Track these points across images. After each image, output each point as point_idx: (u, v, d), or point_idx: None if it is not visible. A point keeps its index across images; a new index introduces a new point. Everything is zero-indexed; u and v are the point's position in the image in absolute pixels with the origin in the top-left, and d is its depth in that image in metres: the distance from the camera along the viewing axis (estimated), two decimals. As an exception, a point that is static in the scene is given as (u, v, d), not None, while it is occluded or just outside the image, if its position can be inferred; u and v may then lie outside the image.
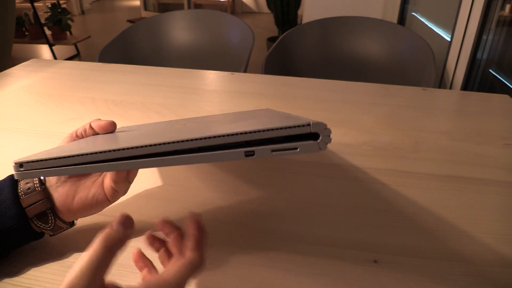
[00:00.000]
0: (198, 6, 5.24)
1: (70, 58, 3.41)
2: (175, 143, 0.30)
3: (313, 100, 0.79)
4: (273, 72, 1.13)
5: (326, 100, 0.79)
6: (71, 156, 0.32)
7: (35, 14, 3.19)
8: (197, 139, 0.29)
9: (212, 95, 0.81)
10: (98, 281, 0.25)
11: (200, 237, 0.32)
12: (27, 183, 0.37)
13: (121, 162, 0.31)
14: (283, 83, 0.89)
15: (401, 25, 1.30)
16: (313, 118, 0.30)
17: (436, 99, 0.82)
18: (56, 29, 3.32)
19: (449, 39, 1.66)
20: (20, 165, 0.33)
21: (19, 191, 0.37)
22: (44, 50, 3.60)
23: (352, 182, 0.52)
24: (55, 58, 3.27)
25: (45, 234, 0.39)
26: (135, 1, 5.80)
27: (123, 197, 0.42)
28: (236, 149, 0.29)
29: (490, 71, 1.49)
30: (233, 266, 0.39)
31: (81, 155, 0.31)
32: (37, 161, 0.32)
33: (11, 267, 0.38)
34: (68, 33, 3.44)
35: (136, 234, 0.41)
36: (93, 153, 0.31)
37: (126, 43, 1.32)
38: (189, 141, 0.29)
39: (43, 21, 3.27)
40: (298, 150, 0.29)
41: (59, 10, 3.30)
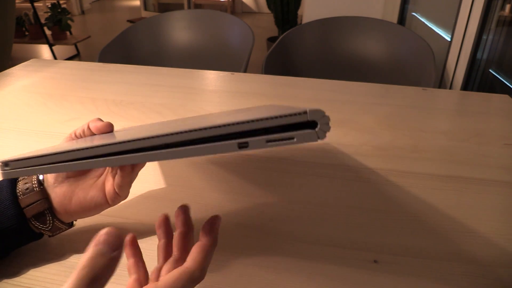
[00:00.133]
0: (198, 6, 5.24)
1: (70, 58, 3.41)
2: (165, 136, 0.28)
3: (313, 100, 0.79)
4: (273, 72, 1.13)
5: (326, 100, 0.79)
6: (56, 154, 0.31)
7: (35, 14, 3.19)
8: (188, 131, 0.28)
9: (212, 95, 0.81)
10: None
11: (206, 247, 0.30)
12: (25, 183, 0.37)
13: (105, 158, 0.30)
14: (283, 83, 0.89)
15: (401, 25, 1.30)
16: None
17: (436, 99, 0.82)
18: (56, 29, 3.32)
19: (449, 39, 1.66)
20: (5, 164, 0.32)
21: (18, 191, 0.37)
22: (44, 50, 3.60)
23: (352, 182, 0.52)
24: (55, 58, 3.27)
25: (44, 234, 0.39)
26: (135, 1, 5.80)
27: (129, 197, 0.41)
28: (229, 141, 0.27)
29: (490, 71, 1.49)
30: (231, 266, 0.39)
31: (65, 152, 0.30)
32: (23, 159, 0.31)
33: (11, 268, 0.38)
34: (68, 33, 3.44)
35: (139, 236, 0.41)
36: (77, 150, 0.30)
37: (126, 43, 1.32)
38: (180, 133, 0.28)
39: (43, 21, 3.27)
40: (295, 140, 0.27)
41: (59, 10, 3.30)
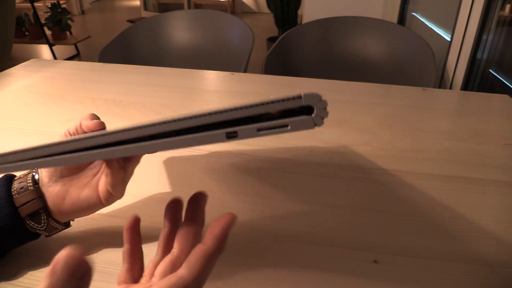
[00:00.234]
0: (198, 6, 5.23)
1: (70, 58, 3.41)
2: (147, 127, 0.26)
3: (313, 100, 0.79)
4: (273, 72, 1.13)
5: (326, 100, 0.79)
6: (30, 150, 0.29)
7: (35, 14, 3.19)
8: (172, 121, 0.25)
9: (212, 95, 0.81)
10: None
11: (209, 253, 0.26)
12: (20, 182, 0.37)
13: (83, 153, 0.28)
14: (283, 83, 0.89)
15: (401, 25, 1.30)
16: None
17: (436, 99, 0.82)
18: (56, 29, 3.32)
19: (449, 39, 1.66)
20: None
21: (13, 190, 0.36)
22: (44, 50, 3.60)
23: (352, 182, 0.52)
24: (55, 58, 3.27)
25: (41, 234, 0.38)
26: (135, 1, 5.80)
27: (132, 199, 0.40)
28: (216, 131, 0.25)
29: (490, 71, 1.49)
30: (230, 265, 0.39)
31: (37, 148, 0.29)
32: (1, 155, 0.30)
33: (9, 268, 0.38)
34: (68, 33, 3.44)
35: (144, 240, 0.41)
36: (52, 145, 0.28)
37: (126, 43, 1.32)
38: (164, 123, 0.26)
39: (43, 21, 3.27)
40: (289, 127, 0.24)
41: (59, 10, 3.30)
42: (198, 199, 0.30)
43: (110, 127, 0.60)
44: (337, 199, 0.49)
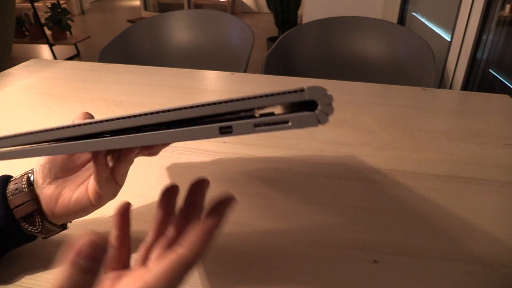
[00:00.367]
0: (198, 6, 5.23)
1: (70, 58, 3.41)
2: (134, 117, 0.23)
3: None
4: (273, 72, 1.13)
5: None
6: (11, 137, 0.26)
7: (35, 14, 3.19)
8: (161, 112, 0.23)
9: (212, 95, 0.81)
10: None
11: (209, 230, 0.26)
12: (16, 183, 0.36)
13: (60, 144, 0.25)
14: (283, 83, 0.89)
15: (401, 25, 1.30)
16: None
17: (436, 99, 0.82)
18: (56, 29, 3.32)
19: (449, 39, 1.66)
20: None
21: (8, 192, 0.36)
22: (44, 50, 3.60)
23: (352, 182, 0.52)
24: (55, 58, 3.27)
25: (37, 236, 0.37)
26: (135, 1, 5.80)
27: (132, 199, 0.40)
28: (208, 125, 0.23)
29: (490, 71, 1.49)
30: (229, 264, 0.39)
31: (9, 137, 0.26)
32: None
33: (7, 271, 0.38)
34: (68, 33, 3.44)
35: (137, 241, 0.41)
36: (28, 134, 0.26)
37: (126, 43, 1.32)
38: (152, 114, 0.23)
39: (43, 21, 3.27)
40: (290, 124, 0.22)
41: (59, 10, 3.30)
42: (201, 185, 0.29)
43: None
44: (337, 199, 0.49)
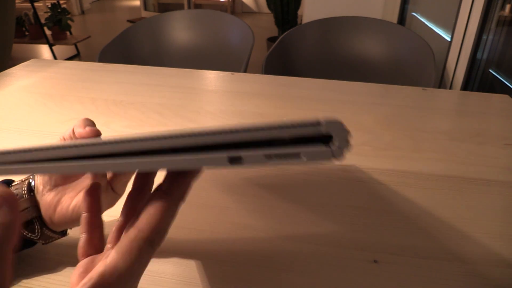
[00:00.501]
0: (198, 6, 5.23)
1: (70, 58, 3.41)
2: (135, 141, 0.23)
3: (313, 100, 0.79)
4: (273, 72, 1.13)
5: (326, 100, 0.79)
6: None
7: (35, 14, 3.19)
8: (164, 138, 0.22)
9: (212, 95, 0.81)
10: None
11: (165, 204, 0.25)
12: (16, 189, 0.36)
13: (59, 163, 0.25)
14: (283, 83, 0.89)
15: (401, 25, 1.30)
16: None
17: (436, 99, 0.82)
18: (56, 29, 3.32)
19: (449, 39, 1.66)
20: None
21: None
22: (44, 50, 3.60)
23: (352, 182, 0.52)
24: (55, 58, 3.27)
25: (37, 242, 0.37)
26: (135, 1, 5.80)
27: None
28: (216, 153, 0.22)
29: (490, 71, 1.49)
30: (229, 264, 0.39)
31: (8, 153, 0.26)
32: None
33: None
34: (68, 33, 3.44)
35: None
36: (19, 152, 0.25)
37: (126, 43, 1.32)
38: (158, 139, 0.22)
39: (43, 21, 3.27)
40: (304, 158, 0.21)
41: (59, 10, 3.30)
42: (185, 174, 0.27)
43: (110, 127, 0.61)
44: (337, 199, 0.49)
